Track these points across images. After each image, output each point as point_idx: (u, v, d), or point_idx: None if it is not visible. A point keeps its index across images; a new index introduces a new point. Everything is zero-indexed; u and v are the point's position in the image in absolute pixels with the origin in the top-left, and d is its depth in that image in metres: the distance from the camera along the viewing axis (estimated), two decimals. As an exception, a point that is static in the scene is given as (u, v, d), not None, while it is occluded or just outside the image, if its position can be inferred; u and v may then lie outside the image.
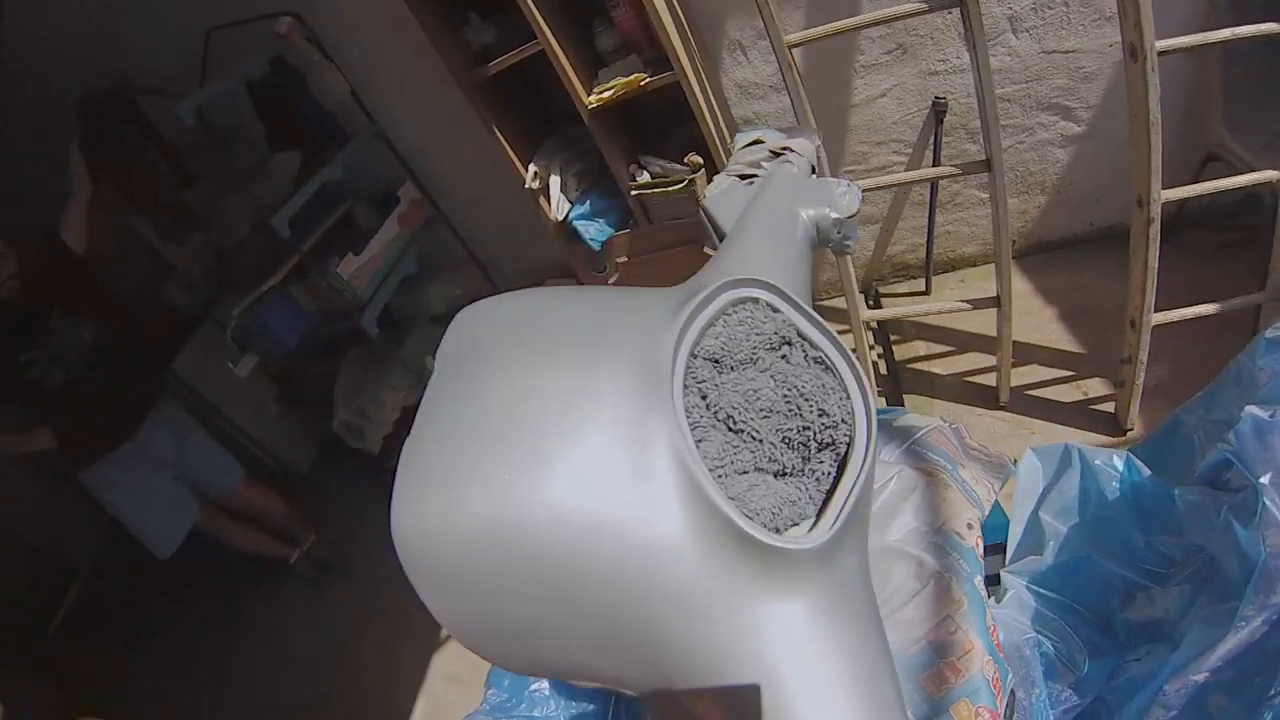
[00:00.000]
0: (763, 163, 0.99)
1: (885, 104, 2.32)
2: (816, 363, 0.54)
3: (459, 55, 2.10)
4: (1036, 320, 2.38)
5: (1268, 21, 1.58)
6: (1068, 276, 2.49)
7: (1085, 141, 2.31)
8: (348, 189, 2.54)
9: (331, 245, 2.40)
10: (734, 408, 0.49)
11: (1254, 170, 1.77)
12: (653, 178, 2.18)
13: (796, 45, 1.79)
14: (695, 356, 0.50)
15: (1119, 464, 1.33)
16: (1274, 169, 1.73)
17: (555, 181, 2.22)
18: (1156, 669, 1.14)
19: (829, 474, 0.51)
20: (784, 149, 1.02)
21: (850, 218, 0.86)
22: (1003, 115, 2.05)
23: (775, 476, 0.50)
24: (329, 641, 2.66)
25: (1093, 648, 1.24)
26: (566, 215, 2.27)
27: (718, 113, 2.15)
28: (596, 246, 2.30)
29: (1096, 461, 1.35)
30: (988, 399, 2.25)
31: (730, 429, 0.49)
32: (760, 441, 0.49)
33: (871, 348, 2.45)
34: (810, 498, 0.50)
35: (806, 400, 0.51)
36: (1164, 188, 1.74)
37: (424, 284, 2.69)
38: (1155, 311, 1.89)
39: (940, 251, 2.67)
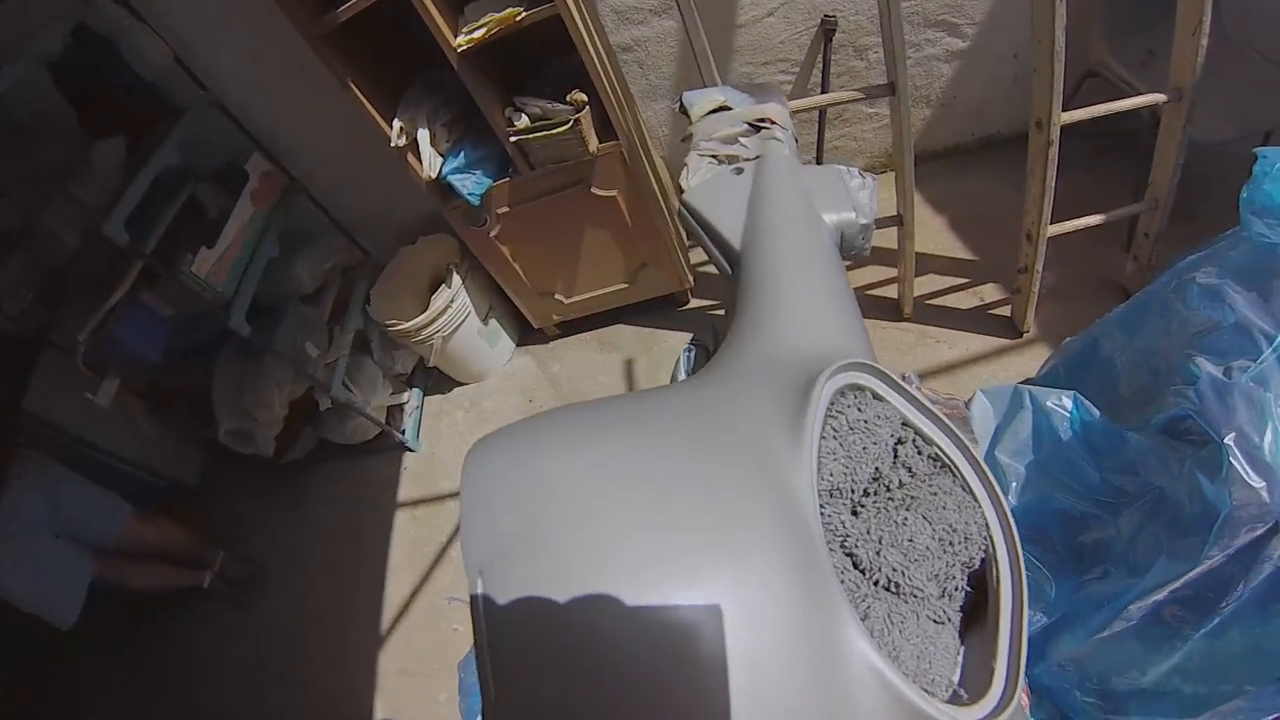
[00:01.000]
0: (742, 139, 0.86)
1: (773, 23, 2.21)
2: (933, 461, 0.49)
3: (301, 1, 1.79)
4: (929, 230, 2.43)
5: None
6: (953, 185, 2.55)
7: (969, 56, 2.33)
8: (187, 172, 2.15)
9: (180, 240, 2.04)
10: (893, 569, 0.43)
11: (1131, 85, 1.83)
12: (532, 120, 2.00)
13: None
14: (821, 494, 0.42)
15: (1068, 403, 1.36)
16: (1152, 87, 1.80)
17: (424, 135, 1.99)
18: (1120, 590, 1.21)
19: (961, 590, 0.45)
20: (764, 121, 0.89)
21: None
22: (874, 32, 2.03)
23: (934, 623, 0.44)
24: (268, 659, 2.43)
25: (1055, 571, 1.29)
26: (440, 171, 2.04)
27: (599, 42, 1.96)
28: (476, 201, 2.11)
29: (1048, 402, 1.37)
30: (891, 312, 2.31)
31: (891, 592, 0.43)
32: (922, 599, 0.43)
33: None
34: (955, 629, 0.44)
35: (956, 533, 0.45)
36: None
37: (290, 263, 2.39)
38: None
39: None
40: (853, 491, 0.48)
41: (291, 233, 2.38)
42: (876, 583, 0.44)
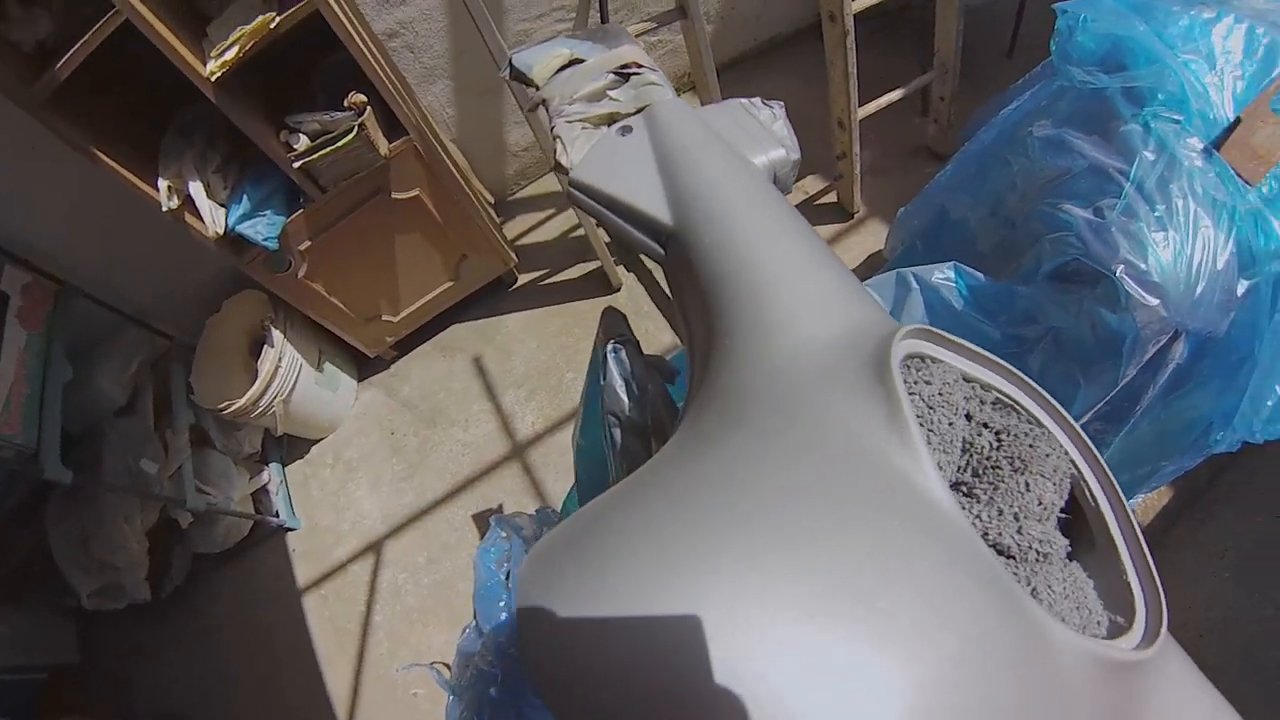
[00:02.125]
0: (612, 94, 0.76)
1: (537, -32, 2.07)
2: (999, 408, 0.49)
3: (9, 65, 1.42)
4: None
5: None
6: (746, 92, 2.55)
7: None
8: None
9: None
10: (1040, 541, 0.43)
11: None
12: (313, 138, 1.78)
13: None
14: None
15: (951, 274, 1.42)
16: None
17: (197, 189, 1.72)
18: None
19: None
20: (627, 66, 0.78)
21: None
22: None
23: (1065, 566, 0.45)
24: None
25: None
26: (226, 224, 1.76)
27: (364, 33, 1.75)
28: (274, 244, 1.87)
29: (933, 278, 1.43)
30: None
31: (1041, 560, 0.44)
32: (1058, 549, 0.44)
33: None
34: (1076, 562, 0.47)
35: (1060, 472, 0.46)
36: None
37: (90, 379, 2.00)
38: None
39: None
40: (960, 473, 0.46)
41: (80, 344, 1.99)
42: (1027, 559, 0.43)
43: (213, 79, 1.52)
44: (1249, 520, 1.69)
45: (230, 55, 1.51)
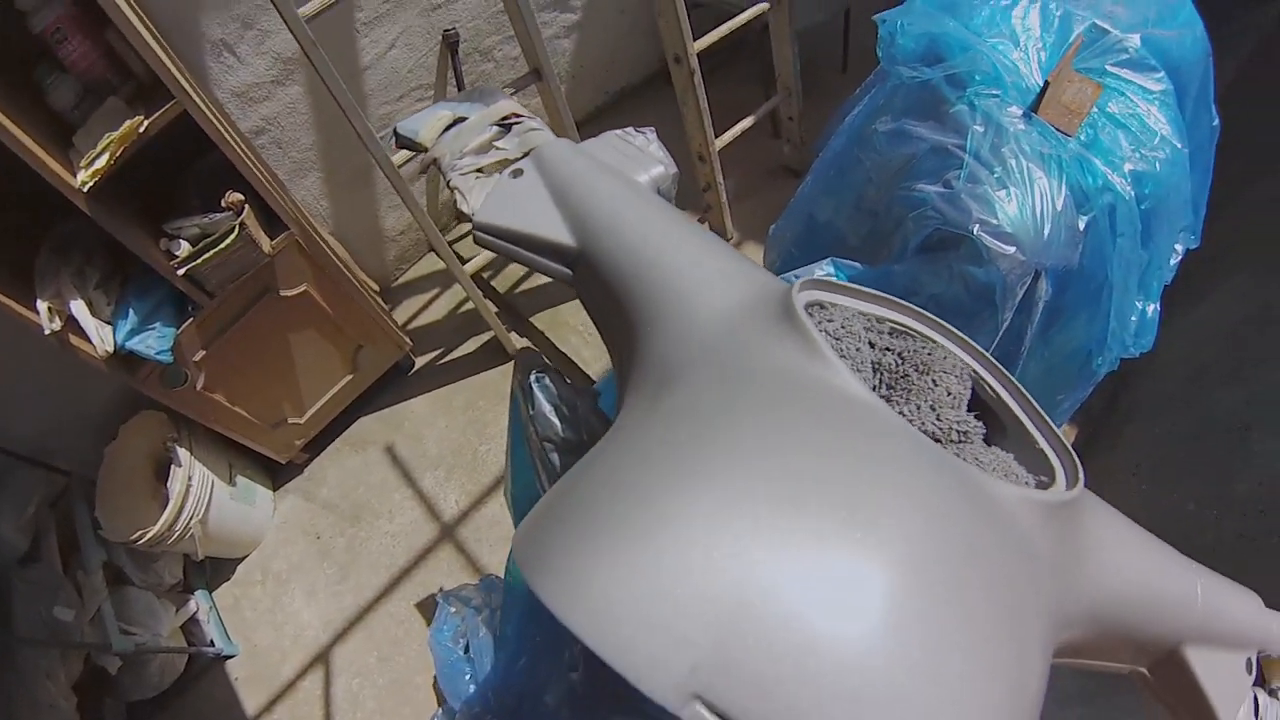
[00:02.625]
0: (498, 144, 0.82)
1: (396, 55, 2.17)
2: (897, 334, 0.57)
3: None
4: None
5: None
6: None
7: (584, 26, 2.49)
8: None
9: None
10: (957, 421, 0.51)
11: (734, 5, 2.10)
12: (194, 243, 1.76)
13: (313, 17, 1.57)
14: None
15: (829, 268, 1.55)
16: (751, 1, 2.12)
17: (79, 308, 1.65)
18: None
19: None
20: (508, 118, 0.85)
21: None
22: (509, 26, 2.06)
23: (988, 447, 0.52)
24: None
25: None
26: (115, 342, 1.70)
27: (233, 131, 1.76)
28: (168, 357, 1.81)
29: (814, 276, 1.54)
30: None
31: (963, 442, 0.51)
32: (975, 432, 0.52)
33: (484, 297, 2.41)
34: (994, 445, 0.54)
35: (960, 369, 0.54)
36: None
37: None
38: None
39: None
40: (875, 390, 0.53)
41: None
42: (954, 441, 0.50)
43: (85, 189, 1.48)
44: (1151, 431, 1.85)
45: (101, 163, 1.48)
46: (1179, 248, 1.58)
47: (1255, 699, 0.65)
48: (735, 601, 0.33)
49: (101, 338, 1.68)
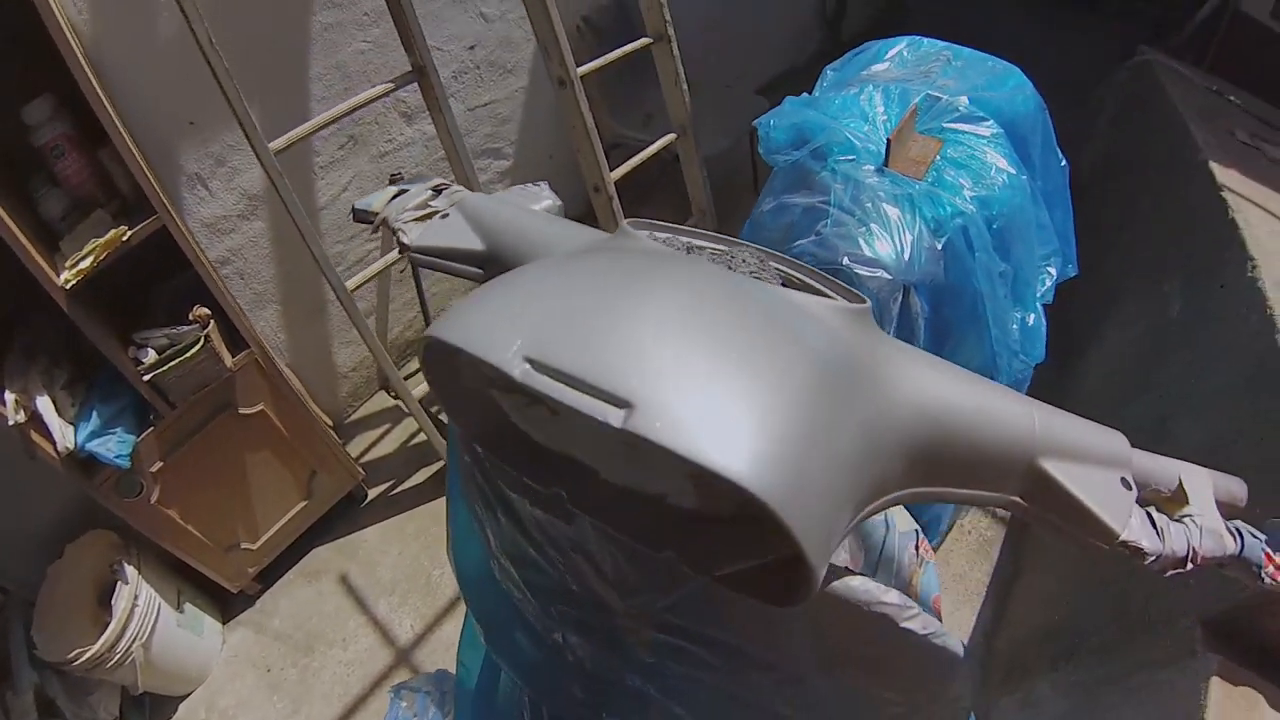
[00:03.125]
0: (432, 203, 1.05)
1: (349, 197, 2.47)
2: (715, 252, 0.76)
3: None
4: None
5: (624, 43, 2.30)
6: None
7: (516, 171, 2.86)
8: None
9: None
10: (781, 264, 0.73)
11: (646, 140, 2.47)
12: (160, 353, 1.89)
13: (282, 150, 1.83)
14: None
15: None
16: (660, 134, 2.50)
17: (44, 404, 1.74)
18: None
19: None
20: (441, 185, 1.10)
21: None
22: (449, 170, 2.34)
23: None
24: None
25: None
26: (75, 441, 1.78)
27: (204, 254, 1.96)
28: (125, 463, 1.87)
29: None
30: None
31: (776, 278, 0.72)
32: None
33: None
34: None
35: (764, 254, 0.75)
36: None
37: None
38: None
39: (436, 313, 2.91)
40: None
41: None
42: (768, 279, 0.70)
43: (67, 287, 1.63)
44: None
45: (85, 265, 1.65)
46: (1052, 270, 1.84)
47: (1150, 516, 0.63)
48: (545, 312, 0.54)
49: (64, 434, 1.76)
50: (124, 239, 1.70)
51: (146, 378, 1.86)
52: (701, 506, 0.59)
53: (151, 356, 1.87)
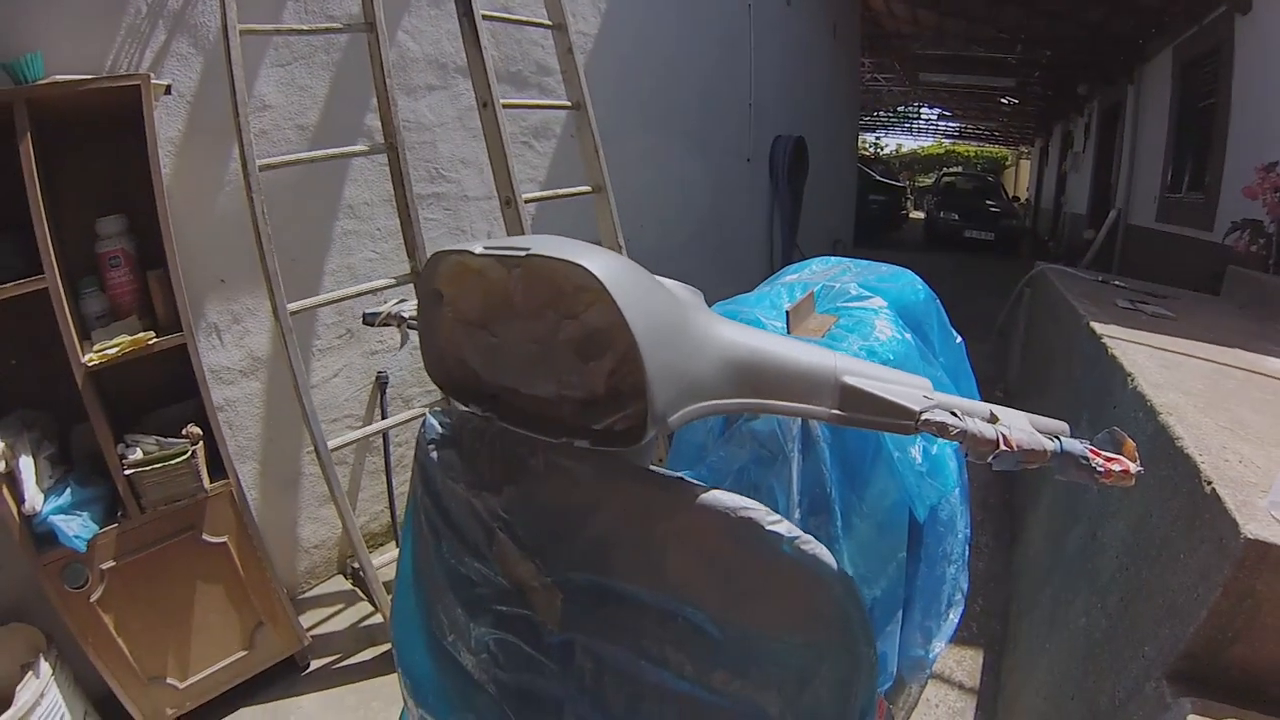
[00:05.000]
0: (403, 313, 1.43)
1: (338, 383, 2.83)
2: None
3: None
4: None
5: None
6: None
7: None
8: None
9: None
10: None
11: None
12: (145, 454, 2.10)
13: (295, 313, 2.23)
14: None
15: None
16: None
17: (26, 464, 1.90)
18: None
19: None
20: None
21: None
22: (428, 382, 2.55)
23: None
24: None
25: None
26: (41, 508, 1.89)
27: (211, 389, 2.27)
28: (82, 546, 1.95)
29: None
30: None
31: None
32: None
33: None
34: None
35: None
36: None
37: None
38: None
39: (402, 509, 3.11)
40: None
41: None
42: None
43: (89, 365, 1.91)
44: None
45: (111, 353, 1.95)
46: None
47: (954, 414, 0.75)
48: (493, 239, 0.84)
49: (34, 497, 1.88)
50: (149, 342, 2.03)
51: (127, 473, 2.03)
52: (580, 354, 0.80)
53: (138, 455, 2.08)
